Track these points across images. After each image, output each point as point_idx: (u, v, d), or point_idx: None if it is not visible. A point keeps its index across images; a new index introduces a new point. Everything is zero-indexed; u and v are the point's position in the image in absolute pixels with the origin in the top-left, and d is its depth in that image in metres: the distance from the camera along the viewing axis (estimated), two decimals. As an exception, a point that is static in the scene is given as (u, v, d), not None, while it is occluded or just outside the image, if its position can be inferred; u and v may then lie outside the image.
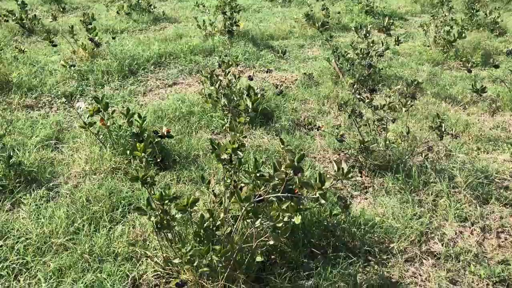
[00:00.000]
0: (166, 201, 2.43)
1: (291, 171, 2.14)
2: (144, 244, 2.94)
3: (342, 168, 1.83)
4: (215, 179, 3.55)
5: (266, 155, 4.14)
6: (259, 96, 4.73)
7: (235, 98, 4.71)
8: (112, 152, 4.00)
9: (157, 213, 2.47)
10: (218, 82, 4.76)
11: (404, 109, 3.60)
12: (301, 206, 2.06)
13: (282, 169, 2.62)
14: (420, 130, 4.78)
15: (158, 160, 3.91)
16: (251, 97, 4.48)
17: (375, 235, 3.10)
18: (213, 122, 4.79)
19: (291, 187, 2.15)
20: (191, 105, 5.13)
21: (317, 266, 2.80)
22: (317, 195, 1.83)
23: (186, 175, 3.82)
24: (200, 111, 4.94)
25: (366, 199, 3.64)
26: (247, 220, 2.22)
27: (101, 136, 4.15)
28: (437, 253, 3.00)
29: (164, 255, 2.66)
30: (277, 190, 2.21)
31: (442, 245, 3.06)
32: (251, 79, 4.77)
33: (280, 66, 7.02)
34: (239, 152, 2.37)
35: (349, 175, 1.83)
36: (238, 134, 2.42)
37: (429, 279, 2.78)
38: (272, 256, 2.76)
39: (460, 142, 4.38)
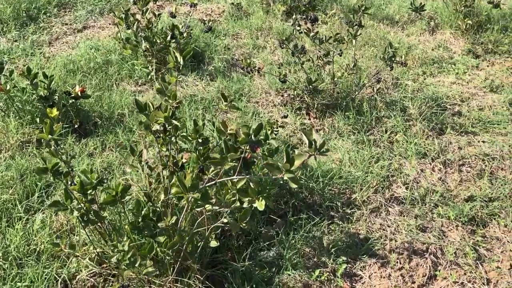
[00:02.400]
0: (90, 191, 1.94)
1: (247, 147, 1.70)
2: (72, 237, 2.45)
3: (314, 140, 1.43)
4: (147, 146, 3.05)
5: (203, 106, 3.64)
6: (185, 35, 4.15)
7: (158, 41, 4.08)
8: (18, 122, 3.33)
9: (80, 205, 1.98)
10: (136, 23, 4.08)
11: (354, 41, 3.20)
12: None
13: (229, 131, 2.19)
14: (361, 57, 4.46)
15: (76, 126, 3.31)
16: (176, 37, 3.89)
17: (335, 187, 2.81)
18: (135, 71, 4.17)
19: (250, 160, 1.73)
20: (108, 53, 4.42)
21: (278, 232, 2.48)
22: (286, 178, 1.43)
23: (111, 140, 3.27)
24: (118, 59, 4.27)
25: (318, 144, 3.32)
26: (196, 209, 1.80)
27: (1, 104, 3.44)
28: (402, 198, 2.78)
29: (98, 250, 2.21)
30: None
31: (406, 188, 2.84)
32: (174, 16, 4.12)
33: (203, -4, 6.31)
34: (173, 121, 1.89)
35: (323, 149, 1.44)
36: (170, 100, 1.92)
37: (399, 230, 2.56)
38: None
39: (406, 68, 4.11)
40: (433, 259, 2.40)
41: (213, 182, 1.68)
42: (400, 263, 2.38)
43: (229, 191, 1.74)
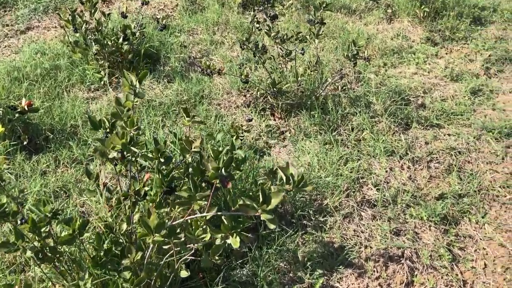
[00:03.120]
0: (44, 228, 1.76)
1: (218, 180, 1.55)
2: (28, 272, 2.25)
3: (291, 175, 1.31)
4: (105, 162, 2.86)
5: (162, 112, 3.46)
6: (138, 35, 3.93)
7: (109, 43, 3.83)
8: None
9: (33, 244, 1.80)
10: (84, 25, 3.82)
11: (316, 40, 3.09)
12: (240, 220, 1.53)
13: (194, 148, 2.06)
14: (322, 50, 4.38)
15: (25, 142, 3.06)
16: (129, 39, 3.68)
17: (306, 194, 2.72)
18: (87, 76, 3.91)
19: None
20: (56, 57, 4.14)
21: (250, 248, 2.37)
22: (263, 218, 1.31)
23: (65, 155, 3.05)
24: (68, 64, 4.00)
25: (285, 146, 3.22)
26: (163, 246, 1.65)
27: None
28: (373, 200, 2.73)
29: (57, 288, 2.03)
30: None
31: (377, 190, 2.78)
32: (125, 16, 3.88)
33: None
34: (133, 148, 1.73)
35: (301, 185, 1.32)
36: (128, 127, 1.75)
37: (373, 235, 2.50)
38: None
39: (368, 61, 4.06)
40: (409, 264, 2.36)
41: (181, 220, 1.54)
42: (377, 271, 2.32)
43: (199, 224, 1.61)
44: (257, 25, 3.48)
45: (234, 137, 2.85)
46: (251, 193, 2.52)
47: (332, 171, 2.86)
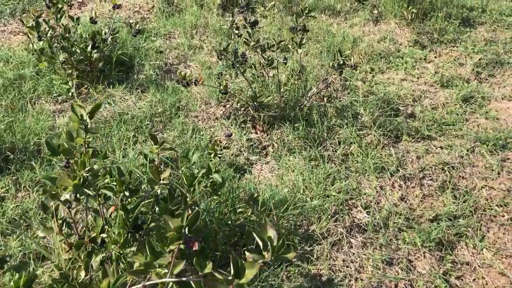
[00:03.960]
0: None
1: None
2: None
3: (270, 238, 1.08)
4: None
5: (135, 127, 3.20)
6: (109, 41, 3.66)
7: (78, 51, 3.55)
8: None
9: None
10: (50, 31, 3.54)
11: (299, 50, 2.86)
12: None
13: (163, 181, 1.83)
14: (306, 55, 4.16)
15: (-19, 164, 2.79)
16: (98, 47, 3.41)
17: (291, 219, 2.50)
18: (54, 86, 3.63)
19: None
20: (20, 66, 3.84)
21: (230, 284, 2.14)
22: (235, 293, 1.07)
23: (27, 177, 2.78)
24: (33, 73, 3.71)
25: (268, 163, 2.99)
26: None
27: None
28: (363, 225, 2.52)
29: None
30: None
31: (367, 213, 2.57)
32: (94, 22, 3.60)
33: (130, -10, 5.73)
34: (87, 191, 1.48)
35: (282, 251, 1.10)
36: (79, 172, 1.49)
37: (364, 266, 2.29)
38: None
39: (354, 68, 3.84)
40: (404, 298, 2.16)
41: (139, 286, 1.30)
42: (369, 308, 2.12)
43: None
44: (237, 31, 3.24)
45: (212, 155, 2.63)
46: (229, 223, 2.30)
47: (319, 192, 2.65)
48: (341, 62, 2.79)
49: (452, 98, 3.60)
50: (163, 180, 1.80)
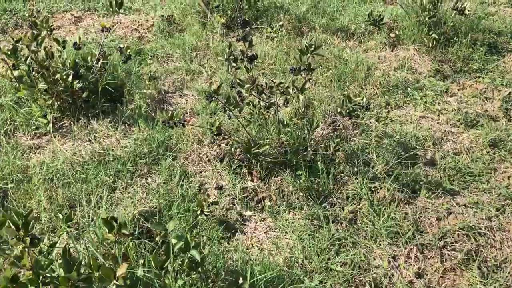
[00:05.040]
0: None
1: None
2: None
3: None
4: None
5: (116, 170, 2.83)
6: (95, 70, 3.32)
7: (61, 80, 3.20)
8: None
9: None
10: (31, 56, 3.20)
11: (301, 96, 2.45)
12: None
13: (117, 281, 1.47)
14: (314, 85, 3.76)
15: None
16: (81, 76, 3.06)
17: (285, 302, 2.10)
18: (33, 117, 3.29)
19: None
20: (1, 92, 3.51)
21: None
22: None
23: (-13, 232, 2.42)
24: (11, 102, 3.37)
25: (263, 220, 2.60)
26: None
27: None
28: (372, 310, 2.11)
29: None
30: None
31: (377, 294, 2.17)
32: (78, 48, 3.24)
33: (131, 3, 5.40)
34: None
35: None
36: None
37: None
38: None
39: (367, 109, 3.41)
40: None
41: None
42: None
43: None
44: (234, 64, 2.86)
45: (199, 211, 2.25)
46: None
47: (320, 264, 2.24)
48: (351, 109, 2.39)
49: (478, 142, 3.17)
50: (117, 280, 1.43)
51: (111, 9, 3.22)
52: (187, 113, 3.50)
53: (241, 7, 4.75)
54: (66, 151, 3.01)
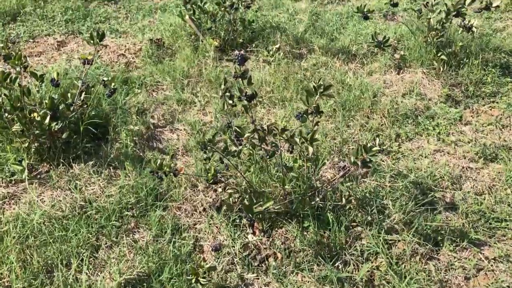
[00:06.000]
0: None
1: None
2: None
3: None
4: None
5: (99, 226, 2.50)
6: (76, 110, 3.01)
7: (37, 123, 2.87)
8: None
9: None
10: (4, 94, 2.87)
11: (310, 148, 2.13)
12: None
13: None
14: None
15: None
16: (59, 118, 2.75)
17: None
18: (8, 163, 2.95)
19: None
20: (-28, 132, 3.18)
21: None
22: None
23: None
24: (-17, 145, 3.04)
25: (268, 284, 2.27)
26: None
27: None
28: None
29: None
30: None
31: None
32: (57, 85, 2.92)
33: (118, 25, 5.10)
34: None
35: None
36: None
37: None
38: None
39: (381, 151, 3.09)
40: None
41: None
42: None
43: None
44: (230, 101, 2.55)
45: (193, 280, 1.94)
46: None
47: None
48: (368, 160, 2.08)
49: (501, 179, 2.88)
50: None
51: (92, 42, 2.90)
52: (179, 151, 3.19)
53: (235, 28, 4.45)
54: (44, 202, 2.68)
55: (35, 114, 2.86)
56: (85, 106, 3.12)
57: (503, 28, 4.73)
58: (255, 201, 2.16)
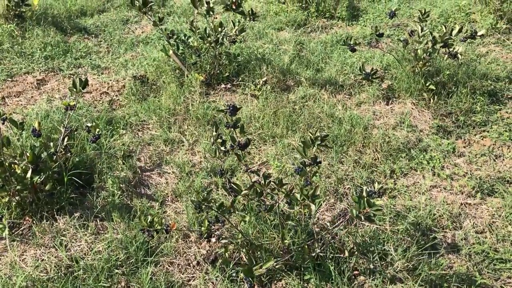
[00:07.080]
0: None
1: None
2: None
3: None
4: None
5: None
6: (59, 159, 2.86)
7: (18, 177, 2.72)
8: None
9: None
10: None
11: (313, 207, 2.03)
12: None
13: None
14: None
15: None
16: (42, 171, 2.61)
17: None
18: (-13, 218, 2.79)
19: None
20: None
21: None
22: None
23: None
24: (-40, 200, 2.87)
25: None
26: None
27: None
28: None
29: None
30: None
31: None
32: (38, 135, 2.77)
33: (100, 60, 4.98)
34: None
35: None
36: None
37: None
38: None
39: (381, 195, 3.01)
40: None
41: None
42: None
43: None
44: (223, 148, 2.45)
45: None
46: None
47: None
48: (372, 215, 1.99)
49: (500, 216, 2.82)
50: None
51: (75, 89, 2.79)
52: (168, 196, 3.06)
53: (220, 62, 4.38)
54: (27, 263, 2.51)
55: (16, 167, 2.71)
56: (69, 154, 2.99)
57: (486, 53, 4.76)
58: (254, 262, 2.04)
